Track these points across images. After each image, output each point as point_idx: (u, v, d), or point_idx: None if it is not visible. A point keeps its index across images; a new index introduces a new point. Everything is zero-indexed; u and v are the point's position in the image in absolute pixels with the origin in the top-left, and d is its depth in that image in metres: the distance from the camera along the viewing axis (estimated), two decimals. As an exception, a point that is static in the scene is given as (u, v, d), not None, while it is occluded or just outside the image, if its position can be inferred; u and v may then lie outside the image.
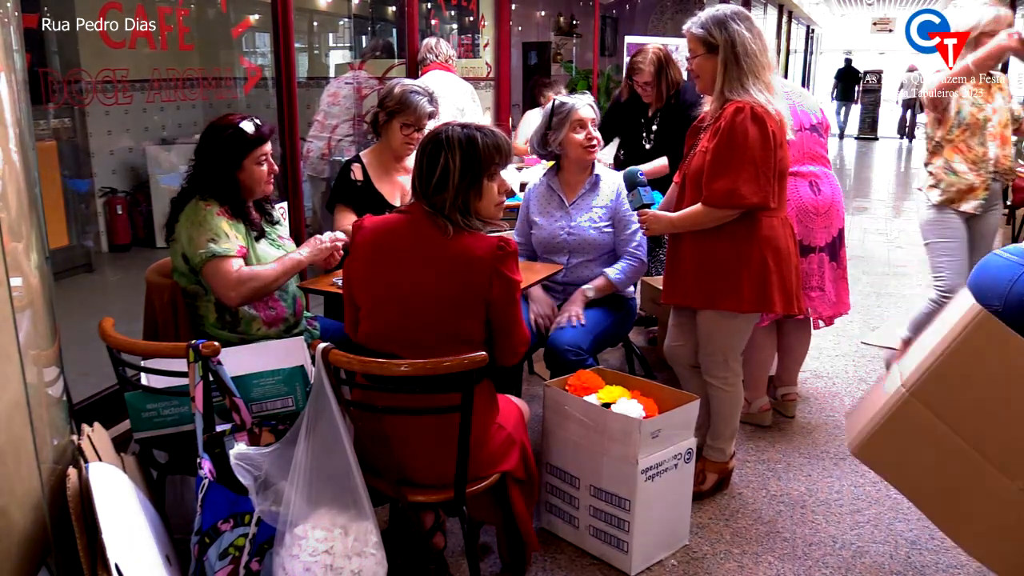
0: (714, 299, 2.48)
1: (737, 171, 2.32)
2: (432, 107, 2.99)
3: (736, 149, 2.32)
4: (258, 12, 4.18)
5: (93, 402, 2.72)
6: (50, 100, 3.06)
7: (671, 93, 3.79)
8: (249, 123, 2.34)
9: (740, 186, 2.32)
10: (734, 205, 2.36)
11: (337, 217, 2.93)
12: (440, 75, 4.33)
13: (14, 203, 1.61)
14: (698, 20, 2.44)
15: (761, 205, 2.36)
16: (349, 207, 2.94)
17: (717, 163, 2.35)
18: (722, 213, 2.38)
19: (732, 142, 2.32)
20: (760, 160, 2.33)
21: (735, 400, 2.66)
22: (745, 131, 2.31)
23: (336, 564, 1.77)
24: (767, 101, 2.36)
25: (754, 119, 2.32)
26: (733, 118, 2.32)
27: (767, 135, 2.33)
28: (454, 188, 1.95)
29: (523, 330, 2.06)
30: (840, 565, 2.39)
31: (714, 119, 2.41)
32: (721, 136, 2.34)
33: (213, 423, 1.89)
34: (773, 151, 2.35)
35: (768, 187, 2.35)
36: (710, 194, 2.37)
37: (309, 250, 2.43)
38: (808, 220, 3.03)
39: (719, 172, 2.35)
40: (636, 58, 3.83)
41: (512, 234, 2.99)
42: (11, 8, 1.68)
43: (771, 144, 2.34)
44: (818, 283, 3.10)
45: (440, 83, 4.19)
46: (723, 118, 2.35)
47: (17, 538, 1.57)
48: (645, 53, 3.80)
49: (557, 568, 2.36)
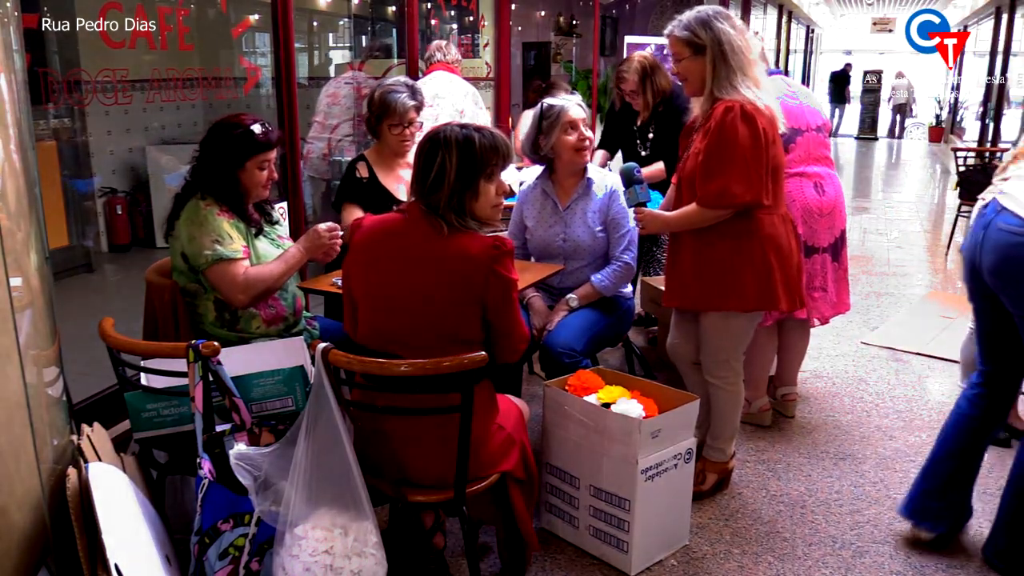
0: (717, 300, 2.48)
1: (728, 170, 2.33)
2: (415, 100, 3.00)
3: (726, 148, 2.32)
4: (258, 12, 4.18)
5: (93, 402, 2.72)
6: (50, 100, 3.07)
7: (657, 101, 3.81)
8: (260, 127, 2.35)
9: (732, 185, 2.33)
10: (726, 204, 2.36)
11: (344, 216, 2.95)
12: (442, 76, 4.32)
13: (14, 203, 1.61)
14: (680, 23, 2.43)
15: (754, 203, 2.37)
16: (356, 204, 2.97)
17: (708, 163, 2.35)
18: (716, 213, 2.38)
19: (722, 141, 2.32)
20: (751, 158, 2.33)
21: (736, 400, 2.66)
22: (735, 130, 2.31)
23: (336, 564, 1.77)
24: (756, 97, 2.36)
25: (744, 117, 2.32)
26: (723, 117, 2.32)
27: (757, 133, 2.33)
28: (449, 188, 1.95)
29: (522, 328, 2.06)
30: (840, 565, 2.39)
31: (705, 119, 2.41)
32: (712, 136, 2.34)
33: (213, 423, 1.89)
34: (764, 148, 2.35)
35: (760, 185, 2.35)
36: (703, 194, 2.37)
37: (308, 243, 2.44)
38: (812, 221, 3.03)
39: (711, 172, 2.35)
40: (621, 67, 3.87)
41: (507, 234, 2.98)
42: (11, 8, 1.68)
43: (762, 141, 2.34)
44: (821, 283, 3.10)
45: (441, 84, 4.19)
46: (713, 118, 2.35)
47: (17, 538, 1.57)
48: (630, 62, 3.82)
49: (557, 568, 2.36)
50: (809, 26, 19.27)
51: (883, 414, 3.43)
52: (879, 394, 3.65)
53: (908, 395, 3.63)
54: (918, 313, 4.82)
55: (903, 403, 3.55)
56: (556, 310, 2.84)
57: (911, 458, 3.02)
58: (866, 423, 3.34)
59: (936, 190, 10.73)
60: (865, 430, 3.27)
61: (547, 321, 2.81)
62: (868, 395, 3.63)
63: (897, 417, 3.40)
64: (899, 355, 4.14)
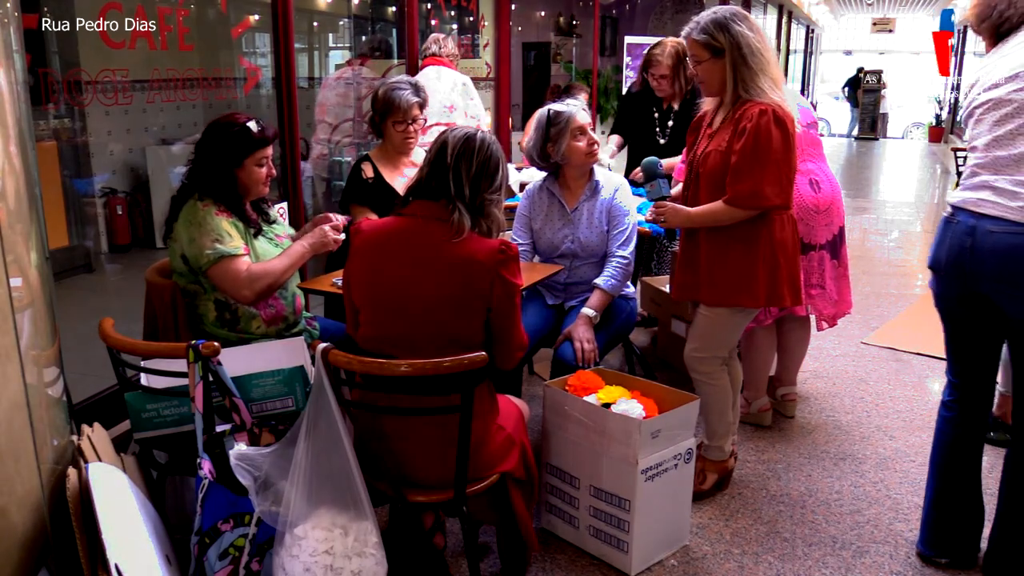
0: (730, 295, 2.49)
1: (761, 173, 2.34)
2: (418, 97, 3.01)
3: (761, 151, 2.33)
4: (258, 12, 4.18)
5: (93, 402, 2.72)
6: (50, 100, 3.06)
7: (687, 88, 3.75)
8: (254, 124, 2.35)
9: (764, 188, 2.34)
10: (757, 206, 2.37)
11: (353, 217, 2.95)
12: (431, 71, 4.30)
13: (14, 203, 1.61)
14: (697, 26, 2.43)
15: (783, 206, 2.40)
16: (363, 205, 2.98)
17: (742, 164, 2.36)
18: (744, 213, 2.40)
19: (757, 144, 2.33)
20: (783, 162, 2.35)
21: (723, 394, 2.66)
22: (769, 133, 2.33)
23: (336, 564, 1.77)
24: (781, 100, 2.38)
25: (777, 122, 2.34)
26: (758, 120, 2.33)
27: (788, 137, 2.36)
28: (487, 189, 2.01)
29: (521, 335, 2.06)
30: (840, 565, 2.39)
31: (733, 119, 2.41)
32: (747, 138, 2.34)
33: (213, 423, 1.89)
34: (793, 152, 2.39)
35: (790, 188, 2.39)
36: (735, 194, 2.38)
37: (313, 240, 2.44)
38: (809, 218, 3.02)
39: (743, 173, 2.36)
40: (654, 50, 3.75)
41: (509, 235, 2.98)
42: (11, 8, 1.68)
43: (792, 146, 2.37)
44: (818, 281, 3.09)
45: (428, 79, 4.15)
46: (745, 118, 2.36)
47: (17, 539, 1.57)
48: (664, 46, 3.73)
49: (557, 568, 2.36)
50: (809, 26, 19.27)
51: (883, 414, 3.43)
52: (879, 394, 3.65)
53: (908, 395, 3.63)
54: (918, 313, 4.82)
55: (903, 403, 3.55)
56: (582, 328, 2.71)
57: (911, 458, 3.02)
58: (866, 423, 3.34)
59: (936, 190, 10.73)
60: (865, 430, 3.27)
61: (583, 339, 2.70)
62: (868, 395, 3.63)
63: (897, 417, 3.40)
64: (899, 355, 4.14)
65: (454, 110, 4.21)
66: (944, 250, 2.17)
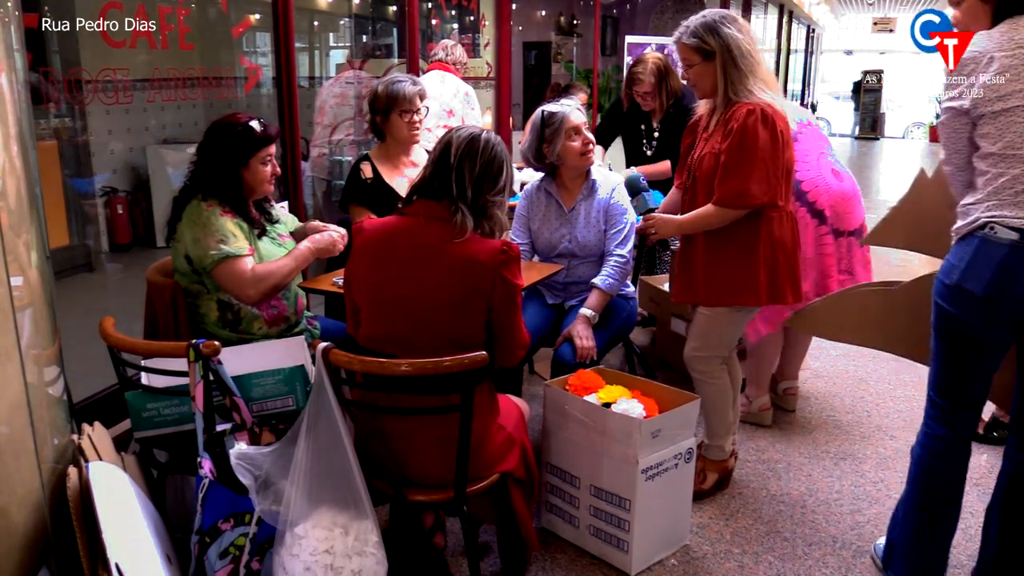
0: (730, 295, 2.49)
1: (748, 172, 2.35)
2: (417, 86, 3.03)
3: (747, 151, 2.34)
4: (259, 12, 4.18)
5: (93, 402, 2.73)
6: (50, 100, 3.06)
7: (670, 102, 3.81)
8: (257, 123, 2.36)
9: (750, 186, 2.35)
10: (744, 205, 2.38)
11: (354, 216, 2.96)
12: (435, 75, 4.31)
13: (15, 202, 1.61)
14: (687, 30, 2.44)
15: (770, 204, 2.40)
16: (362, 205, 2.98)
17: (728, 164, 2.37)
18: (733, 213, 2.40)
19: (743, 144, 2.34)
20: (770, 160, 2.36)
21: (723, 392, 2.66)
22: (756, 133, 2.33)
23: (336, 563, 1.77)
24: (772, 99, 2.39)
25: (764, 121, 2.34)
26: (745, 120, 2.34)
27: (776, 135, 2.36)
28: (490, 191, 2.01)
29: (522, 333, 2.06)
30: (840, 565, 2.39)
31: (723, 121, 2.42)
32: (733, 138, 2.36)
33: (214, 422, 1.89)
34: (781, 151, 2.38)
35: (777, 186, 2.39)
36: (722, 194, 2.39)
37: (318, 245, 2.45)
38: (838, 205, 3.06)
39: (730, 173, 2.37)
40: (636, 68, 3.85)
41: (509, 235, 2.98)
42: (11, 8, 1.68)
43: (780, 144, 2.37)
44: (847, 267, 3.11)
45: (432, 83, 4.17)
46: (734, 119, 2.37)
47: (17, 538, 1.57)
48: (645, 63, 3.80)
49: (557, 568, 2.36)
50: (810, 26, 19.27)
51: (883, 414, 3.43)
52: (879, 394, 3.65)
53: (909, 395, 3.63)
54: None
55: (903, 403, 3.55)
56: (580, 327, 2.72)
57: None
58: (866, 423, 3.34)
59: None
60: (865, 430, 3.28)
61: (583, 337, 2.71)
62: (868, 395, 3.63)
63: (898, 417, 3.40)
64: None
65: (453, 115, 4.22)
66: (990, 272, 1.83)
